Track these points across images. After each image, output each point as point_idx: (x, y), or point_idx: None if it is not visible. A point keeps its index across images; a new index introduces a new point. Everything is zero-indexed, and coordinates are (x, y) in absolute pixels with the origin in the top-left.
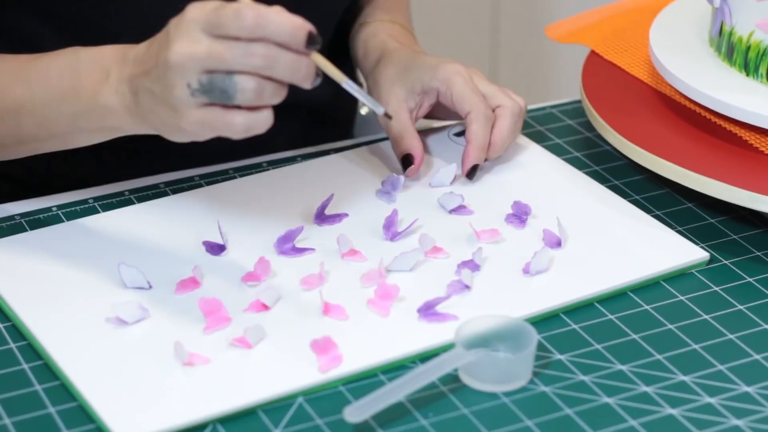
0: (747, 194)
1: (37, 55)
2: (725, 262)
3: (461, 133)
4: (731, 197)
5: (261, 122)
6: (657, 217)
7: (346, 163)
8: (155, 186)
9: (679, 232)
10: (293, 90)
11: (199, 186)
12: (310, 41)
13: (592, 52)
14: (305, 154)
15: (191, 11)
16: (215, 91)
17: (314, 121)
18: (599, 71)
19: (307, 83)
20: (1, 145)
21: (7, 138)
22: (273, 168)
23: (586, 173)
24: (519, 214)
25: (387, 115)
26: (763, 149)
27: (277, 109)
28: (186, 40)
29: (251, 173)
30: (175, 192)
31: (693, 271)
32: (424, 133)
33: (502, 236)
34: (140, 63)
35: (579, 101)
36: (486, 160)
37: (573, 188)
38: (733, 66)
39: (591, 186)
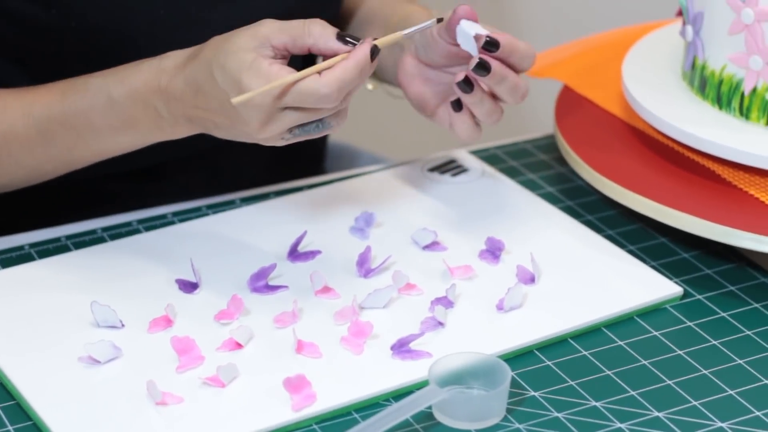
0: (720, 228)
1: (58, 97)
2: (699, 297)
3: (436, 168)
4: (705, 232)
5: (346, 115)
6: (631, 252)
7: (319, 200)
8: (128, 224)
9: (652, 266)
10: None
11: (172, 223)
12: (374, 56)
13: (565, 86)
14: (278, 191)
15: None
16: (310, 132)
17: (285, 156)
18: (572, 106)
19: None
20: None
21: (60, 170)
22: (246, 205)
23: (560, 208)
24: (492, 250)
25: (439, 19)
26: (736, 183)
27: (245, 144)
28: (265, 117)
29: (224, 210)
30: (148, 230)
31: (667, 306)
32: (397, 168)
33: (475, 272)
34: (196, 108)
35: (552, 136)
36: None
37: (546, 223)
38: (706, 100)
39: (564, 221)
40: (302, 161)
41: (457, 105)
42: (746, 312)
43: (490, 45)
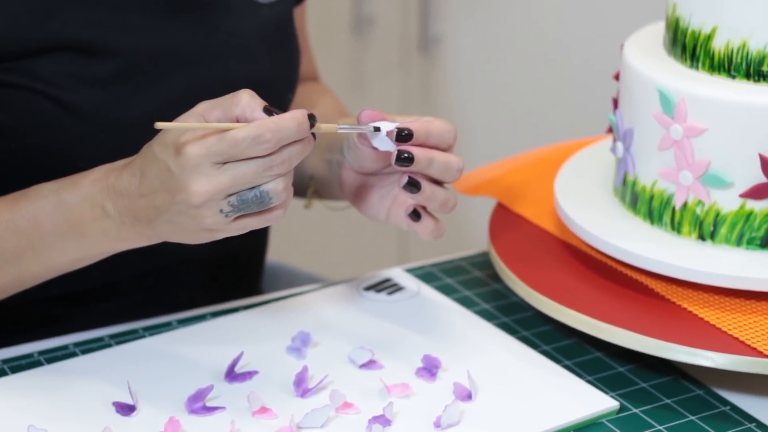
0: (655, 342)
1: (9, 204)
2: (635, 410)
3: (371, 287)
4: (639, 346)
5: (290, 197)
6: (566, 366)
7: (255, 320)
8: (65, 347)
9: (588, 381)
10: (196, 245)
11: (109, 346)
12: (312, 123)
13: (499, 204)
14: (215, 312)
15: (190, 148)
16: (251, 205)
17: (220, 275)
18: (506, 223)
19: (310, 151)
20: (2, 291)
21: (8, 285)
22: (183, 326)
23: (496, 325)
24: (429, 368)
25: (377, 128)
26: (669, 297)
27: (181, 265)
28: (202, 178)
29: (161, 332)
30: (84, 352)
31: (603, 420)
32: (333, 287)
33: (412, 390)
34: (140, 196)
35: (487, 253)
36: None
37: (482, 340)
38: (638, 215)
39: (500, 337)
40: (238, 281)
41: (415, 215)
42: (683, 425)
43: (404, 137)
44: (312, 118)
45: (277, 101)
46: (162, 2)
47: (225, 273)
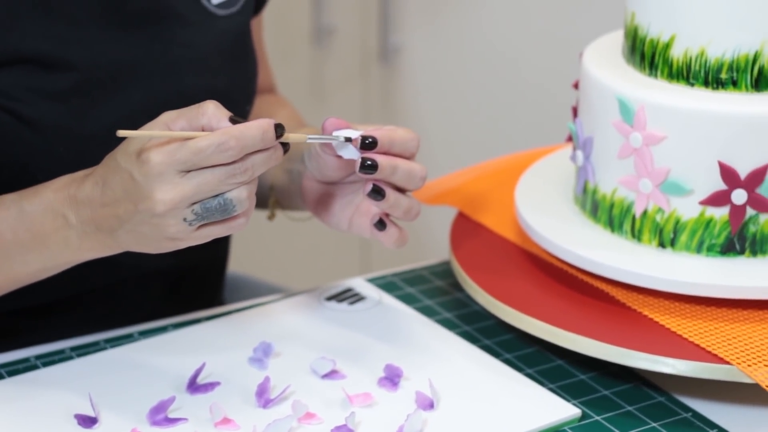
0: (616, 350)
1: None
2: (597, 418)
3: (333, 297)
4: (601, 353)
5: (253, 206)
6: (528, 375)
7: (217, 331)
8: (25, 359)
9: (550, 389)
10: (157, 257)
11: (71, 358)
12: (279, 133)
13: (460, 213)
14: (176, 323)
15: (153, 156)
16: (214, 213)
17: (181, 287)
18: (467, 232)
19: (278, 163)
20: None
21: None
22: (144, 338)
23: (457, 333)
24: (391, 377)
25: (347, 139)
26: (630, 305)
27: (142, 277)
28: (166, 186)
29: (122, 343)
30: (45, 365)
31: (566, 428)
32: (294, 297)
33: (375, 400)
34: (103, 206)
35: (448, 262)
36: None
37: (444, 349)
38: (598, 223)
39: (462, 346)
40: (200, 292)
41: (380, 224)
42: (645, 431)
43: (368, 144)
44: (280, 128)
45: (235, 113)
46: (120, 16)
47: (186, 284)
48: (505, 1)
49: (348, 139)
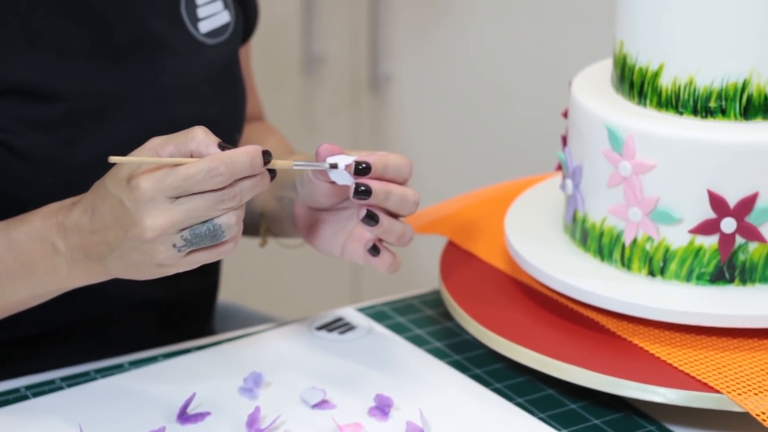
0: (606, 379)
1: None
2: None
3: (323, 327)
4: (591, 382)
5: (240, 231)
6: (519, 404)
7: (207, 361)
8: (15, 390)
9: (541, 418)
10: (146, 287)
11: (61, 388)
12: (266, 160)
13: (450, 242)
14: (166, 353)
15: (143, 182)
16: (203, 239)
17: (171, 317)
18: (457, 261)
19: (265, 189)
20: None
21: None
22: (134, 368)
23: (448, 363)
24: (381, 407)
25: (333, 165)
26: (620, 333)
27: (132, 307)
28: (156, 212)
29: (112, 374)
30: (36, 395)
31: None
32: (285, 327)
33: (365, 430)
34: (92, 233)
35: (438, 291)
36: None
37: (435, 379)
38: (588, 252)
39: (452, 376)
40: (190, 322)
41: (374, 250)
42: None
43: (362, 170)
44: (267, 155)
45: (225, 141)
46: (108, 46)
47: (177, 314)
48: (494, 30)
49: (333, 166)
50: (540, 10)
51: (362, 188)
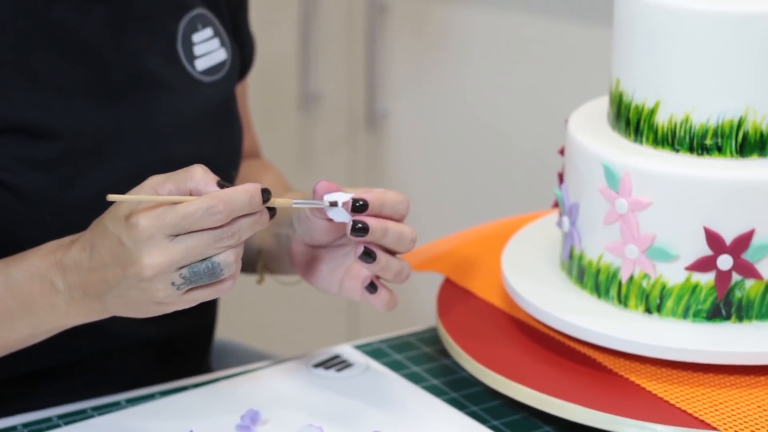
0: (603, 416)
1: None
2: None
3: (320, 364)
4: (588, 420)
5: (239, 268)
6: None
7: (204, 398)
8: (12, 428)
9: None
10: (144, 324)
11: (58, 426)
12: (266, 198)
13: (447, 279)
14: (164, 391)
15: (142, 220)
16: (202, 277)
17: (168, 355)
18: (454, 298)
19: (264, 227)
20: None
21: None
22: (131, 405)
23: (445, 400)
24: None
25: (333, 203)
26: (617, 371)
27: (129, 345)
28: (155, 251)
29: (110, 411)
30: None
31: None
32: (282, 364)
33: None
34: (91, 271)
35: (435, 328)
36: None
37: (432, 416)
38: (585, 289)
39: (449, 413)
40: (187, 359)
41: (372, 287)
42: None
43: (360, 207)
44: (266, 193)
45: (222, 178)
46: (105, 85)
47: (174, 352)
48: (491, 67)
49: (333, 203)
50: (536, 48)
51: (360, 225)
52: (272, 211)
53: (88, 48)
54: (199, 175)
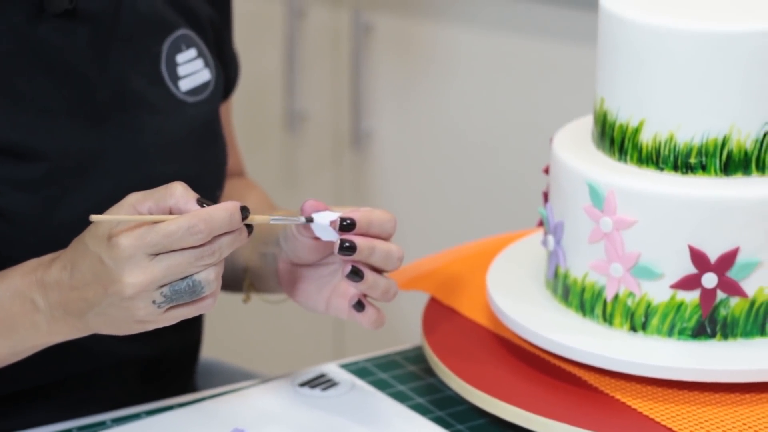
0: None
1: None
2: None
3: (306, 383)
4: None
5: (219, 286)
6: None
7: (189, 417)
8: None
9: None
10: (129, 343)
11: None
12: (244, 215)
13: (432, 297)
14: (149, 410)
15: (123, 240)
16: (183, 295)
17: (154, 374)
18: (439, 317)
19: (243, 244)
20: None
21: None
22: (117, 425)
23: (430, 419)
24: None
25: (309, 219)
26: (602, 389)
27: (114, 365)
28: (136, 269)
29: (95, 431)
30: None
31: None
32: (267, 384)
33: None
34: (72, 289)
35: (421, 347)
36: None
37: None
38: (570, 307)
39: None
40: (173, 379)
41: (359, 306)
42: None
43: (347, 226)
44: (245, 210)
45: (206, 198)
46: (89, 105)
47: (159, 371)
48: (476, 87)
49: (309, 219)
50: (521, 67)
51: (347, 244)
52: (250, 228)
53: (73, 69)
54: (179, 192)
